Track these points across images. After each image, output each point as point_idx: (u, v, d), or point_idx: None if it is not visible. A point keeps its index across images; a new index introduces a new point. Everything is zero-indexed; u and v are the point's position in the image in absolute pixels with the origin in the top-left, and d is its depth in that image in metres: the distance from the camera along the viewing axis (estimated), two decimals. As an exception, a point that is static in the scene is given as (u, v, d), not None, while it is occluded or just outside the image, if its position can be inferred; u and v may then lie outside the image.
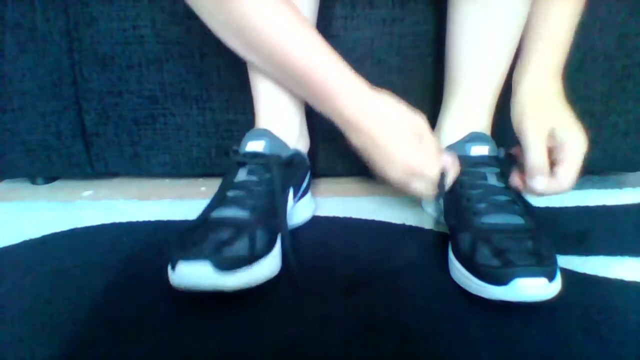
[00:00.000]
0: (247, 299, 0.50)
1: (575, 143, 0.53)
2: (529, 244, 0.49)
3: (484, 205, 0.53)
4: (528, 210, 0.55)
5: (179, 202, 0.73)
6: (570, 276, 0.52)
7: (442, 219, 0.60)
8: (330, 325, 0.46)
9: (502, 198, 0.54)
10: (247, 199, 0.53)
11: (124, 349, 0.43)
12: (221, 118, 0.74)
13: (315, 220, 0.67)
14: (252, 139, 0.58)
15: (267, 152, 0.57)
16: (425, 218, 0.67)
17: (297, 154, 0.60)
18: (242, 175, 0.56)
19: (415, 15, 0.68)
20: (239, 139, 0.76)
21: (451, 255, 0.53)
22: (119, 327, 0.46)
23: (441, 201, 0.60)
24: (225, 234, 0.48)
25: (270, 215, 0.53)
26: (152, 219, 0.67)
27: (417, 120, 0.53)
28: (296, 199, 0.62)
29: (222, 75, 0.72)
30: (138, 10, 0.68)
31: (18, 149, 0.75)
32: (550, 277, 0.45)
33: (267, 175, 0.55)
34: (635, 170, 0.81)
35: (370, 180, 0.81)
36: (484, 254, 0.48)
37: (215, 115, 0.74)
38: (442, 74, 0.64)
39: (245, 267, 0.47)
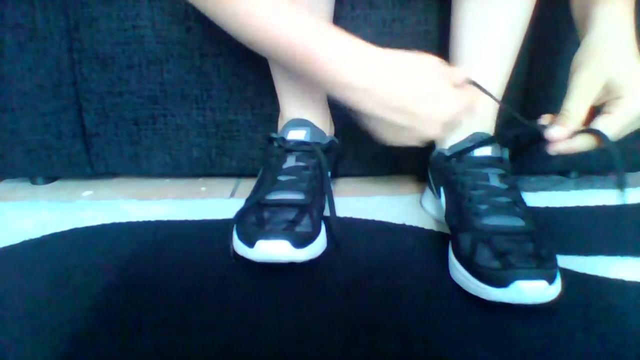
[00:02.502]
0: (248, 299, 0.50)
1: (632, 98, 0.45)
2: (530, 246, 0.49)
3: (485, 206, 0.53)
4: (529, 212, 0.54)
5: (179, 202, 0.73)
6: (570, 276, 0.52)
7: (442, 218, 0.60)
8: (330, 325, 0.46)
9: (504, 200, 0.54)
10: (299, 183, 0.58)
11: (124, 349, 0.43)
12: (221, 118, 0.74)
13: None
14: (293, 128, 0.62)
15: (309, 140, 0.61)
16: (425, 218, 0.67)
17: (333, 141, 0.66)
18: (290, 161, 0.60)
19: (415, 15, 0.68)
20: (239, 138, 0.77)
21: (451, 256, 0.53)
22: (119, 327, 0.46)
23: (442, 201, 0.60)
24: (290, 214, 0.54)
25: (319, 197, 0.59)
26: (152, 219, 0.67)
27: (432, 59, 0.47)
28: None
29: (222, 75, 0.72)
30: (138, 10, 0.68)
31: (18, 149, 0.75)
32: (551, 280, 0.46)
33: (313, 161, 0.60)
34: (635, 170, 0.81)
35: (369, 180, 0.81)
36: (484, 256, 0.48)
37: (215, 115, 0.74)
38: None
39: (310, 242, 0.53)
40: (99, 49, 0.70)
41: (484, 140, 0.58)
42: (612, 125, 0.46)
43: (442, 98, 0.46)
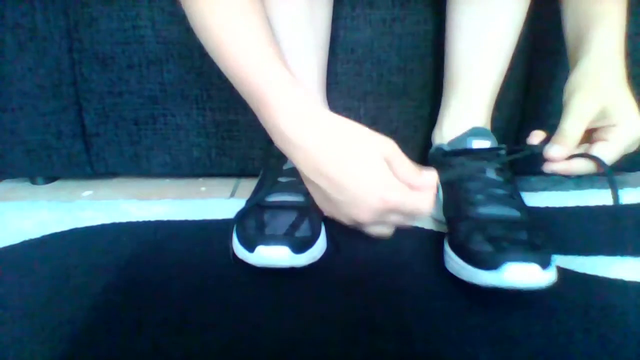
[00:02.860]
0: (248, 299, 0.50)
1: (627, 127, 0.47)
2: (524, 234, 0.49)
3: (481, 196, 0.54)
4: (525, 205, 0.55)
5: (179, 202, 0.73)
6: (570, 276, 0.52)
7: (442, 217, 0.60)
8: (330, 325, 0.46)
9: (500, 191, 0.55)
10: (299, 184, 0.56)
11: (124, 349, 0.43)
12: (221, 118, 0.74)
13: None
14: None
15: None
16: (425, 218, 0.67)
17: None
18: (291, 162, 0.59)
19: (415, 15, 0.68)
20: (239, 138, 0.77)
21: (446, 247, 0.53)
22: (119, 328, 0.46)
23: (440, 195, 0.60)
24: (290, 218, 0.54)
25: None
26: (152, 219, 0.67)
27: (386, 142, 0.42)
28: None
29: (222, 75, 0.71)
30: (138, 10, 0.68)
31: (18, 149, 0.75)
32: (544, 265, 0.45)
33: None
34: (635, 170, 0.81)
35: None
36: (478, 241, 0.49)
37: (215, 115, 0.74)
38: (442, 74, 0.64)
39: (310, 247, 0.53)
40: (99, 49, 0.70)
41: (480, 134, 0.58)
42: (609, 152, 0.48)
43: (377, 182, 0.41)
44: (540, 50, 0.69)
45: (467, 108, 0.61)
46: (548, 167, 0.49)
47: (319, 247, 0.55)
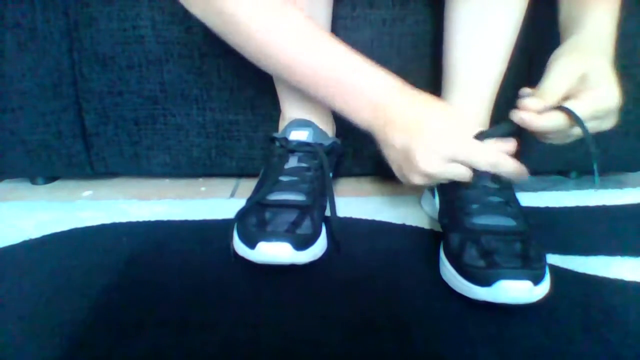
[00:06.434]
0: (248, 299, 0.50)
1: (603, 91, 0.47)
2: (518, 246, 0.49)
3: (476, 205, 0.53)
4: (522, 212, 0.54)
5: (179, 202, 0.73)
6: (570, 276, 0.52)
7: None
8: (330, 325, 0.46)
9: (495, 199, 0.54)
10: (300, 184, 0.58)
11: (123, 349, 0.43)
12: (221, 118, 0.74)
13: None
14: (295, 128, 0.62)
15: (311, 140, 0.61)
16: (425, 218, 0.67)
17: (335, 142, 0.65)
18: (292, 162, 0.60)
19: (415, 15, 0.68)
20: (239, 138, 0.77)
21: (442, 254, 0.53)
22: (119, 328, 0.46)
23: (437, 200, 0.60)
24: (291, 216, 0.54)
25: (320, 198, 0.59)
26: (152, 219, 0.67)
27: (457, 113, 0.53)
28: None
29: (222, 75, 0.72)
30: (138, 10, 0.68)
31: (18, 149, 0.75)
32: (536, 281, 0.46)
33: (314, 162, 0.60)
34: (635, 170, 0.81)
35: (369, 180, 0.81)
36: (471, 255, 0.49)
37: (215, 115, 0.74)
38: (442, 74, 0.64)
39: (311, 244, 0.53)
40: (99, 49, 0.70)
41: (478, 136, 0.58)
42: (580, 109, 0.46)
43: (445, 132, 0.48)
44: (540, 49, 0.69)
45: (467, 108, 0.61)
46: (517, 115, 0.48)
47: (320, 246, 0.55)
